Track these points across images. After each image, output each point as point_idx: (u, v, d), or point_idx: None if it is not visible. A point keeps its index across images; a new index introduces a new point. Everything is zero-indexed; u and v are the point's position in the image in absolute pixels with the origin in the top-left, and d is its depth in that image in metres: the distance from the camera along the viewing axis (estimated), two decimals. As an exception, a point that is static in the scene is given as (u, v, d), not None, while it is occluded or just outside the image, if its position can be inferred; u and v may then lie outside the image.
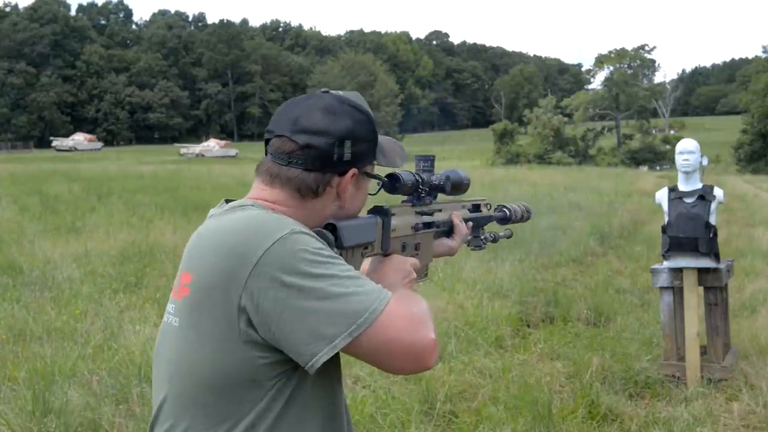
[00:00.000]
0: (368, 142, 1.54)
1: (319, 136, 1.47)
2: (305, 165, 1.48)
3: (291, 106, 1.54)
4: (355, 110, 1.53)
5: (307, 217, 1.50)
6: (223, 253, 1.38)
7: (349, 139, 1.49)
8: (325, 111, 1.50)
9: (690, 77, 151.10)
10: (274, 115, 1.55)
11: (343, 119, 1.50)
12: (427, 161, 1.83)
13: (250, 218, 1.42)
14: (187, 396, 1.42)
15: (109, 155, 61.95)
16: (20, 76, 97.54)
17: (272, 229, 1.37)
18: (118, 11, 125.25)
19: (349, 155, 1.49)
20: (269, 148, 1.52)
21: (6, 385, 5.01)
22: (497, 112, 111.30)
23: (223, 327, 1.36)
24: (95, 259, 9.43)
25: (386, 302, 1.36)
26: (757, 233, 12.64)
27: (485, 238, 2.08)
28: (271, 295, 1.33)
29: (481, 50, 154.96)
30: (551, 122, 62.84)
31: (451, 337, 6.14)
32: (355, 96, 1.59)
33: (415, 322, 1.38)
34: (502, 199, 18.43)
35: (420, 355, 1.37)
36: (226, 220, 1.45)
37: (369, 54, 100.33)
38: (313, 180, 1.49)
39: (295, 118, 1.49)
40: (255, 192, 1.53)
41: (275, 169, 1.50)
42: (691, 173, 5.59)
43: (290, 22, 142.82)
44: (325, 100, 1.52)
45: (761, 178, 34.79)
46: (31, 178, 22.63)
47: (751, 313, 7.20)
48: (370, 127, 1.54)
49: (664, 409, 4.93)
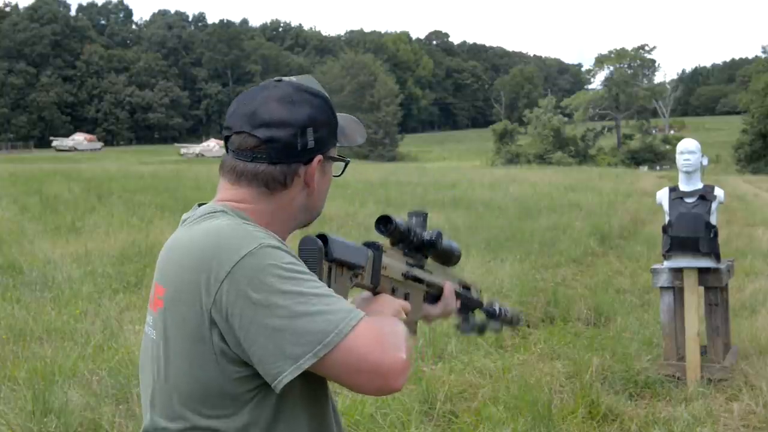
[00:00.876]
0: (329, 126, 1.50)
1: (280, 127, 1.44)
2: (270, 159, 1.45)
3: (246, 99, 1.49)
4: (312, 96, 1.49)
5: (279, 210, 1.49)
6: (193, 267, 1.36)
7: (311, 126, 1.46)
8: (281, 101, 1.46)
9: (690, 77, 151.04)
10: (229, 109, 1.51)
11: (302, 107, 1.46)
12: (420, 216, 1.76)
13: (219, 230, 1.38)
14: (172, 408, 1.41)
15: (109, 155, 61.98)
16: (20, 76, 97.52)
17: (241, 243, 1.34)
18: (118, 11, 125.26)
19: (313, 142, 1.46)
20: (230, 146, 1.48)
21: (6, 385, 5.01)
22: (497, 112, 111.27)
23: (198, 341, 1.35)
24: (95, 259, 9.43)
25: (356, 321, 1.32)
26: (757, 233, 12.64)
27: (474, 325, 1.98)
28: (238, 311, 1.30)
29: (481, 50, 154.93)
30: (551, 122, 62.91)
31: (451, 337, 6.14)
32: (308, 80, 1.54)
33: (384, 343, 1.33)
34: (502, 198, 18.45)
35: (386, 376, 1.33)
36: (195, 232, 1.42)
37: (369, 54, 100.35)
38: (280, 173, 1.46)
39: (251, 112, 1.45)
40: (222, 193, 1.50)
41: (240, 166, 1.46)
42: (692, 173, 5.59)
43: (290, 22, 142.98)
44: (281, 89, 1.48)
45: (761, 178, 34.79)
46: (31, 178, 22.63)
47: (751, 313, 7.20)
48: (329, 110, 1.50)
49: (664, 409, 4.93)
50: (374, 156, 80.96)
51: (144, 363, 1.50)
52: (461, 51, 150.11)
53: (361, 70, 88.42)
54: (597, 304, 7.38)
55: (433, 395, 4.88)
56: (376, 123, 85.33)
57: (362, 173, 30.61)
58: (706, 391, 5.18)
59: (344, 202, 16.80)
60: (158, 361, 1.42)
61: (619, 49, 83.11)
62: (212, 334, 1.34)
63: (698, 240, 5.39)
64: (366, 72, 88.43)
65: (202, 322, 1.34)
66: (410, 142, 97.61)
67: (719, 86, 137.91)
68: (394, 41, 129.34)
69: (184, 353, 1.37)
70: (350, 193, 19.34)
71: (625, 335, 6.35)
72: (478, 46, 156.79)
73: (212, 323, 1.33)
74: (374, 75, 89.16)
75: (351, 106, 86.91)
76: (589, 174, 32.65)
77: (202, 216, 1.46)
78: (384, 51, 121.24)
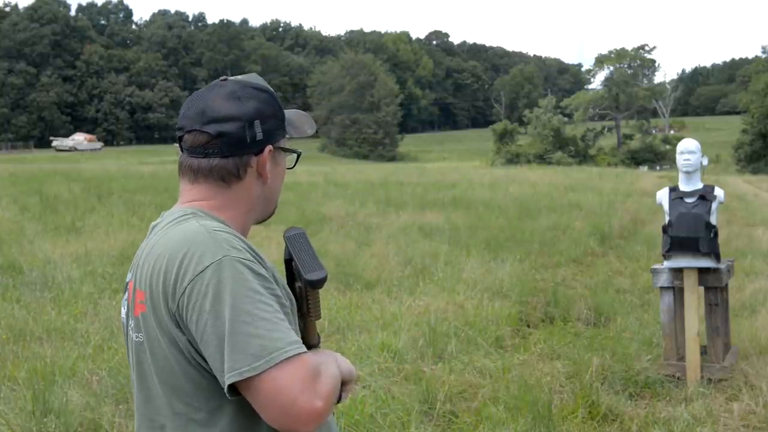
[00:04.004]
0: (276, 118, 1.59)
1: (228, 122, 1.52)
2: (222, 153, 1.53)
3: (194, 100, 1.57)
4: (258, 91, 1.57)
5: (238, 202, 1.56)
6: (165, 273, 1.43)
7: (258, 118, 1.54)
8: (228, 97, 1.54)
9: (690, 77, 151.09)
10: (180, 111, 1.59)
11: (249, 101, 1.54)
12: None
13: (189, 236, 1.44)
14: (167, 405, 1.48)
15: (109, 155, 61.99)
16: (20, 76, 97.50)
17: (206, 252, 1.40)
18: (118, 11, 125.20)
19: (261, 134, 1.54)
20: (184, 145, 1.56)
21: (6, 385, 5.01)
22: (497, 112, 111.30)
23: (173, 342, 1.43)
24: (95, 259, 9.43)
25: (288, 356, 1.33)
26: (757, 233, 12.63)
27: None
28: (195, 318, 1.38)
29: (481, 50, 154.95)
30: (551, 122, 62.89)
31: (451, 337, 6.14)
32: (253, 78, 1.63)
33: (307, 386, 1.34)
34: (502, 198, 18.45)
35: (294, 418, 1.34)
36: (168, 238, 1.48)
37: (369, 54, 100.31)
38: (233, 165, 1.53)
39: (201, 110, 1.53)
40: (184, 195, 1.58)
41: (195, 163, 1.54)
42: (692, 173, 5.59)
43: (290, 22, 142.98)
44: (227, 87, 1.56)
45: (761, 178, 34.75)
46: (31, 178, 22.63)
47: (751, 313, 7.20)
48: (275, 103, 1.59)
49: (664, 409, 4.93)
50: (374, 156, 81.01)
51: (133, 365, 1.56)
52: (461, 51, 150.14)
53: (361, 70, 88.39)
54: (597, 304, 7.38)
55: (433, 395, 4.88)
56: (376, 123, 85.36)
57: (362, 173, 30.63)
58: (706, 391, 5.18)
59: (344, 202, 16.81)
60: (147, 362, 1.49)
61: (619, 49, 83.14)
62: (181, 336, 1.42)
63: (698, 240, 5.39)
64: (366, 72, 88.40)
65: (172, 325, 1.42)
66: (410, 142, 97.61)
67: (719, 86, 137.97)
68: (394, 41, 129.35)
69: (168, 353, 1.45)
70: (350, 193, 19.34)
71: (625, 335, 6.34)
72: (478, 46, 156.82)
73: (178, 327, 1.42)
74: (374, 75, 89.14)
75: (351, 106, 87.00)
76: (589, 174, 32.64)
77: (174, 221, 1.52)
78: (384, 51, 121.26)
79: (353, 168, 38.15)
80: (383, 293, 7.91)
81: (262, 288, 1.39)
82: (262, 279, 1.41)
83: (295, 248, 1.52)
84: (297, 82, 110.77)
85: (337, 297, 7.79)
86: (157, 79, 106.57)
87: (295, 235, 1.54)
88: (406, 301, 7.41)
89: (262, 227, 11.90)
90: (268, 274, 1.44)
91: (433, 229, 12.67)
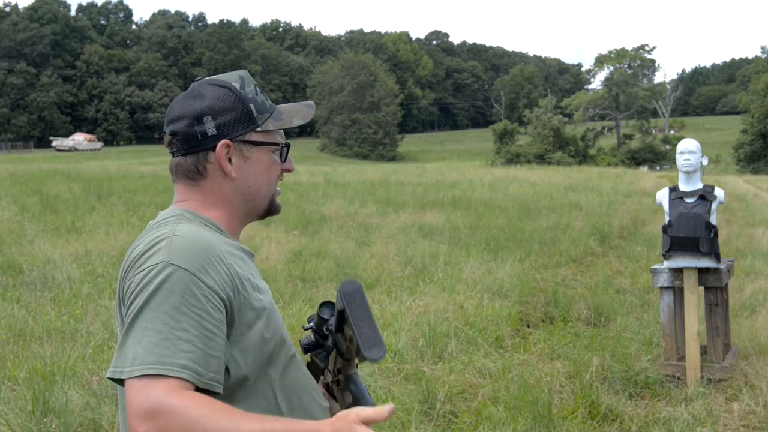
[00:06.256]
0: (233, 112, 1.57)
1: (178, 121, 1.57)
2: (180, 150, 1.58)
3: (171, 104, 1.63)
4: (215, 87, 1.58)
5: (213, 199, 1.58)
6: (125, 267, 1.50)
7: (208, 114, 1.55)
8: (185, 97, 1.59)
9: (690, 77, 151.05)
10: None
11: (199, 99, 1.56)
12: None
13: (152, 239, 1.48)
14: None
15: (109, 155, 61.97)
16: (20, 76, 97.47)
17: (154, 255, 1.43)
18: (118, 11, 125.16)
19: (213, 129, 1.55)
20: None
21: (6, 385, 5.01)
22: (497, 112, 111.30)
23: None
24: (95, 259, 9.42)
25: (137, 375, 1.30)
26: (757, 233, 12.62)
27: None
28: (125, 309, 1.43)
29: (481, 50, 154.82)
30: (551, 122, 62.83)
31: (451, 337, 6.14)
32: (226, 75, 1.62)
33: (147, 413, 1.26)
34: (502, 198, 18.44)
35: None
36: (142, 240, 1.52)
37: (369, 54, 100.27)
38: (192, 162, 1.57)
39: (168, 112, 1.61)
40: (174, 196, 1.64)
41: (171, 162, 1.61)
42: (692, 173, 5.59)
43: (290, 22, 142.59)
44: (191, 87, 1.60)
45: (761, 178, 34.77)
46: (31, 178, 22.60)
47: (751, 313, 7.20)
48: (232, 97, 1.57)
49: (664, 409, 4.93)
50: (374, 156, 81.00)
51: None
52: (461, 51, 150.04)
53: (361, 70, 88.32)
54: (597, 304, 7.38)
55: (433, 395, 4.88)
56: (376, 123, 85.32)
57: (362, 173, 30.61)
58: (706, 391, 5.18)
59: (344, 202, 16.80)
60: None
61: (619, 49, 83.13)
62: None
63: (698, 240, 5.40)
64: (366, 72, 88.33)
65: (119, 314, 1.50)
66: (410, 142, 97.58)
67: (719, 86, 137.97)
68: (394, 41, 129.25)
69: None
70: (350, 193, 19.34)
71: (625, 335, 6.34)
72: (478, 46, 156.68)
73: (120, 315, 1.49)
74: (374, 75, 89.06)
75: (351, 106, 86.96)
76: (589, 174, 32.62)
77: (158, 223, 1.56)
78: (384, 51, 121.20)
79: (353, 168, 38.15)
80: (383, 293, 7.91)
81: (184, 303, 1.37)
82: (191, 294, 1.38)
83: (354, 313, 1.41)
84: (297, 82, 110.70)
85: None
86: (157, 79, 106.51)
87: (352, 292, 1.42)
88: (406, 301, 7.41)
89: (262, 227, 11.91)
90: (208, 292, 1.40)
91: (433, 229, 12.66)
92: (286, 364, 1.57)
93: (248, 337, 1.48)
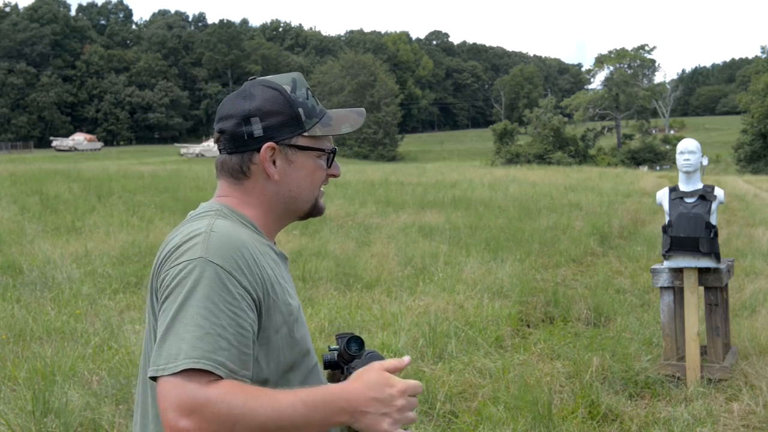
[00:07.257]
0: (281, 115, 1.56)
1: (226, 119, 1.57)
2: (226, 149, 1.58)
3: (223, 101, 1.64)
4: (266, 88, 1.58)
5: (253, 199, 1.58)
6: (159, 260, 1.49)
7: (256, 115, 1.55)
8: (237, 96, 1.59)
9: (690, 77, 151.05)
10: None
11: (251, 99, 1.56)
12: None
13: (189, 232, 1.47)
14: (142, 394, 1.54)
15: (109, 155, 61.97)
16: (20, 76, 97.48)
17: (190, 249, 1.42)
18: (118, 11, 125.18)
19: (260, 131, 1.55)
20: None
21: (6, 385, 5.01)
22: (497, 112, 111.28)
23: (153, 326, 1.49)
24: (95, 259, 9.42)
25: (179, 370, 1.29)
26: (757, 233, 12.62)
27: None
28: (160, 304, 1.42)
29: (481, 50, 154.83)
30: (551, 122, 62.84)
31: (451, 337, 6.14)
32: (280, 77, 1.62)
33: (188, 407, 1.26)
34: (502, 198, 18.45)
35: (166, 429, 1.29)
36: (179, 231, 1.51)
37: (369, 54, 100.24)
38: (237, 162, 1.57)
39: (218, 110, 1.62)
40: (217, 190, 1.63)
41: (217, 159, 1.62)
42: (692, 173, 5.59)
43: (290, 22, 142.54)
44: (243, 86, 1.61)
45: (761, 178, 34.77)
46: (31, 178, 22.60)
47: (751, 313, 7.20)
48: (282, 100, 1.57)
49: (664, 409, 4.93)
50: (374, 156, 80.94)
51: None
52: (461, 51, 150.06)
53: (361, 70, 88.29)
54: (597, 304, 7.38)
55: (433, 395, 4.88)
56: (376, 123, 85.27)
57: (362, 173, 30.60)
58: (706, 391, 5.18)
59: (344, 201, 16.80)
60: (145, 347, 1.55)
61: (619, 49, 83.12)
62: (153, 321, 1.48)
63: (698, 240, 5.40)
64: (366, 72, 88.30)
65: (151, 308, 1.49)
66: (410, 142, 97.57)
67: (719, 86, 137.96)
68: (394, 41, 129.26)
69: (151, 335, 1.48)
70: (350, 193, 19.33)
71: (625, 335, 6.34)
72: (478, 46, 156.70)
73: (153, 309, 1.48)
74: (374, 75, 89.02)
75: (351, 106, 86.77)
76: (589, 174, 32.63)
77: (196, 215, 1.56)
78: (384, 51, 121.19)
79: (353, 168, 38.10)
80: (383, 293, 7.91)
81: (221, 300, 1.37)
82: (227, 292, 1.38)
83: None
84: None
85: (337, 297, 7.79)
86: (157, 79, 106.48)
87: (370, 356, 1.55)
88: (406, 301, 7.41)
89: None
90: (243, 291, 1.40)
91: (433, 229, 12.66)
92: (307, 373, 1.56)
93: (274, 340, 1.48)
